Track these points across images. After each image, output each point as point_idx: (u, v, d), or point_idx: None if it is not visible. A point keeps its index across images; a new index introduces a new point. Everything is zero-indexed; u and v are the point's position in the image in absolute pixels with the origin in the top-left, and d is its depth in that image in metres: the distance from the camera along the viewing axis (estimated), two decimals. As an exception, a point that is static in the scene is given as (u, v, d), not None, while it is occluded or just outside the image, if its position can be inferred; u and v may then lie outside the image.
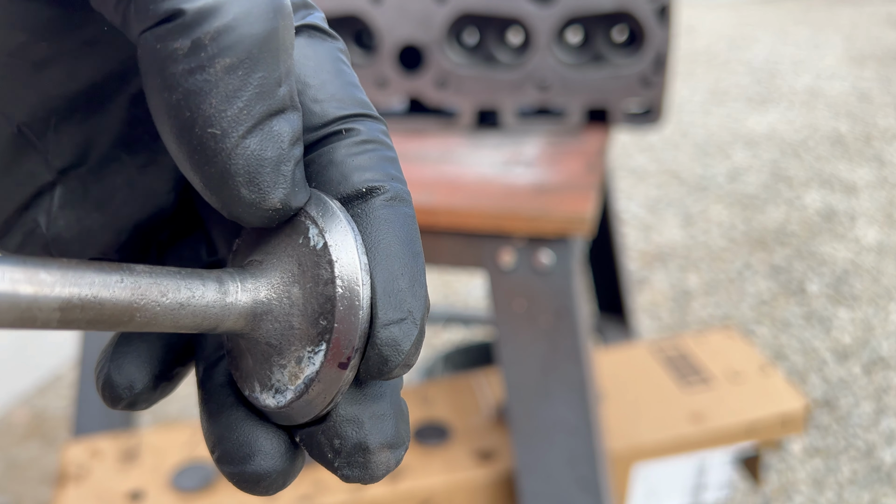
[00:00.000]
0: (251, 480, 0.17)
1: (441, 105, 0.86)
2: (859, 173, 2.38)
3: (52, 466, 1.42)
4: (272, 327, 0.17)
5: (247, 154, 0.15)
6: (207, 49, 0.14)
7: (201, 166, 0.15)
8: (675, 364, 0.98)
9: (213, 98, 0.15)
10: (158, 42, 0.14)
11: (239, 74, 0.15)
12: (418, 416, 0.87)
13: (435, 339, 1.73)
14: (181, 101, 0.15)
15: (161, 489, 0.79)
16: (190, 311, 0.16)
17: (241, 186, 0.16)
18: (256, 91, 0.15)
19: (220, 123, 0.15)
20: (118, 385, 0.18)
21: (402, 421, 0.18)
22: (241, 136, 0.15)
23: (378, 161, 0.18)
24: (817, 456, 1.35)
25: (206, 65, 0.14)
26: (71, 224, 0.20)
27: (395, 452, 0.18)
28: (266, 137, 0.15)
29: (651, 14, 0.79)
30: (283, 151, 0.16)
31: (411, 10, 0.81)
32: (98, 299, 0.15)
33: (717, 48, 3.82)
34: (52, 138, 0.18)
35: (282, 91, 0.16)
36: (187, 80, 0.15)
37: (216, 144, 0.15)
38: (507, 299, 0.71)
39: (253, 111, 0.15)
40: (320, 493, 0.78)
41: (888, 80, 3.16)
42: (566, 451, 0.74)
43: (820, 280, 1.86)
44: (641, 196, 2.35)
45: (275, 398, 0.17)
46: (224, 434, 0.18)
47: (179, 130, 0.15)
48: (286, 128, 0.16)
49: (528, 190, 0.71)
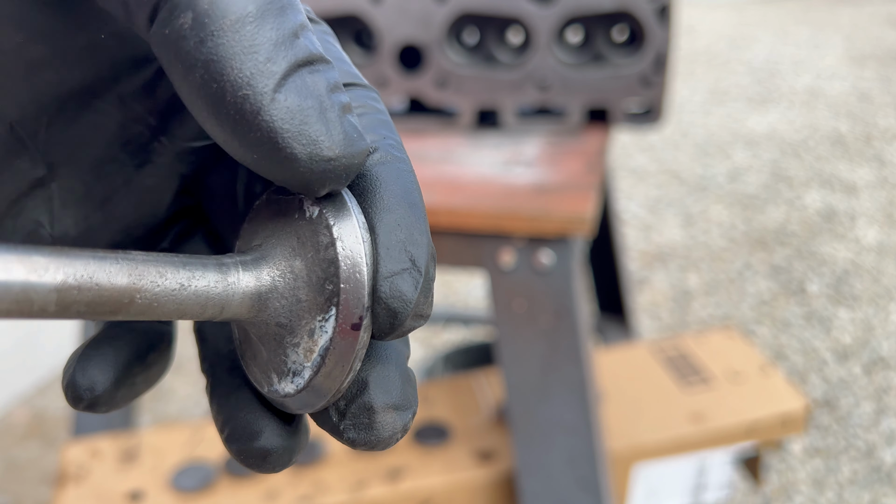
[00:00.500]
0: (257, 456, 0.18)
1: (441, 105, 0.86)
2: (859, 173, 2.38)
3: (52, 466, 1.42)
4: (279, 305, 0.17)
5: (287, 106, 0.15)
6: (209, 14, 0.14)
7: (246, 135, 0.15)
8: (676, 364, 0.98)
9: (233, 60, 0.14)
10: (165, 27, 0.14)
11: (248, 30, 0.15)
12: (418, 416, 0.87)
13: (435, 339, 1.73)
14: (204, 75, 0.15)
15: (161, 489, 0.79)
16: (191, 292, 0.16)
17: (292, 142, 0.15)
18: (273, 42, 0.15)
19: (249, 82, 0.15)
20: (80, 386, 0.19)
21: (409, 385, 0.18)
22: (273, 89, 0.15)
23: (369, 123, 0.18)
24: (817, 456, 1.35)
25: (214, 29, 0.14)
26: (77, 222, 0.20)
27: (401, 415, 0.18)
28: (301, 88, 0.15)
29: (651, 14, 0.79)
30: (323, 98, 0.15)
31: (411, 10, 0.81)
32: (94, 280, 0.15)
33: (718, 48, 3.82)
34: (43, 137, 0.18)
35: (301, 42, 0.15)
36: (202, 52, 0.14)
37: (252, 105, 0.15)
38: (507, 299, 0.71)
39: (278, 62, 0.15)
40: (320, 493, 0.78)
41: (888, 80, 3.16)
42: (566, 451, 0.74)
43: (820, 280, 1.86)
44: (641, 196, 2.35)
45: (293, 381, 0.17)
46: (232, 414, 0.19)
47: (213, 106, 0.15)
48: (319, 78, 0.15)
49: (528, 190, 0.71)
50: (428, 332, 1.75)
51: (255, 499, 0.77)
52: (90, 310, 0.15)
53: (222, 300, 0.16)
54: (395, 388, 0.18)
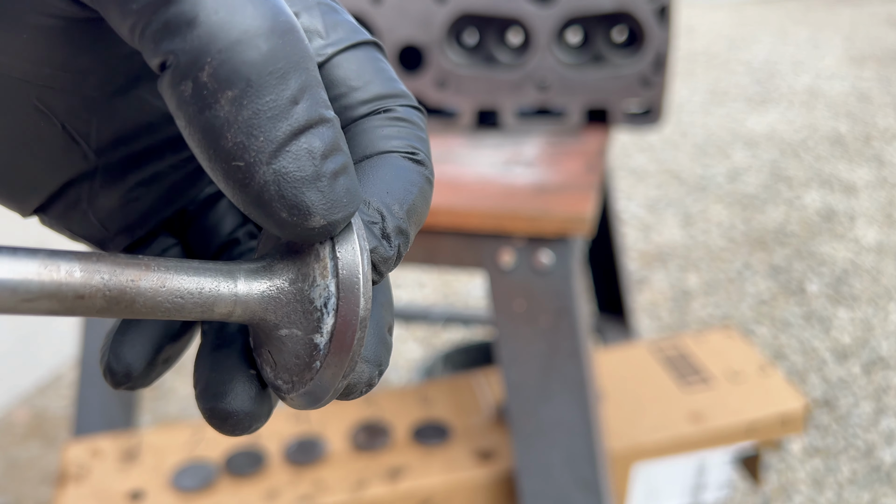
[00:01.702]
0: (220, 417, 0.19)
1: (441, 105, 0.86)
2: (859, 173, 2.38)
3: (52, 466, 1.42)
4: (282, 312, 0.18)
5: (277, 179, 0.15)
6: (207, 86, 0.14)
7: (237, 194, 0.16)
8: (675, 364, 0.98)
9: (228, 132, 0.15)
10: (169, 87, 0.15)
11: (245, 104, 0.15)
12: (418, 415, 0.87)
13: (435, 339, 1.74)
14: (202, 139, 0.15)
15: (161, 489, 0.79)
16: (204, 295, 0.17)
17: (279, 210, 0.16)
18: (269, 116, 0.15)
19: (242, 155, 0.15)
20: (117, 371, 0.20)
21: (383, 345, 0.19)
22: (266, 162, 0.15)
23: (406, 135, 0.19)
24: (817, 456, 1.35)
25: (211, 101, 0.15)
26: (113, 199, 0.21)
27: (369, 367, 0.19)
28: (295, 157, 0.15)
29: (651, 14, 0.79)
30: (316, 168, 0.16)
31: (411, 10, 0.82)
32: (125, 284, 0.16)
33: (717, 48, 3.82)
34: (92, 133, 0.20)
35: (299, 109, 0.15)
36: (200, 119, 0.15)
37: (244, 175, 0.15)
38: (507, 299, 0.71)
39: (272, 136, 0.15)
40: (320, 493, 0.78)
41: (888, 80, 3.16)
42: (566, 451, 0.74)
43: (820, 280, 1.86)
44: (641, 196, 2.35)
45: (293, 382, 0.18)
46: (204, 373, 0.19)
47: (209, 164, 0.15)
48: (316, 143, 0.16)
49: (528, 190, 0.71)
50: (428, 332, 1.76)
51: (256, 498, 0.78)
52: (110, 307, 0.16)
53: (230, 305, 0.17)
54: (370, 344, 0.19)
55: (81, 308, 0.15)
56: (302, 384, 0.18)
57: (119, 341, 0.20)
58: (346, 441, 0.84)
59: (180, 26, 0.14)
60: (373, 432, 0.85)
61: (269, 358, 0.19)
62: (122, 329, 0.21)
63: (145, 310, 0.16)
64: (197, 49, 0.14)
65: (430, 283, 1.96)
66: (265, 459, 0.81)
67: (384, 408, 0.89)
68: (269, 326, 0.18)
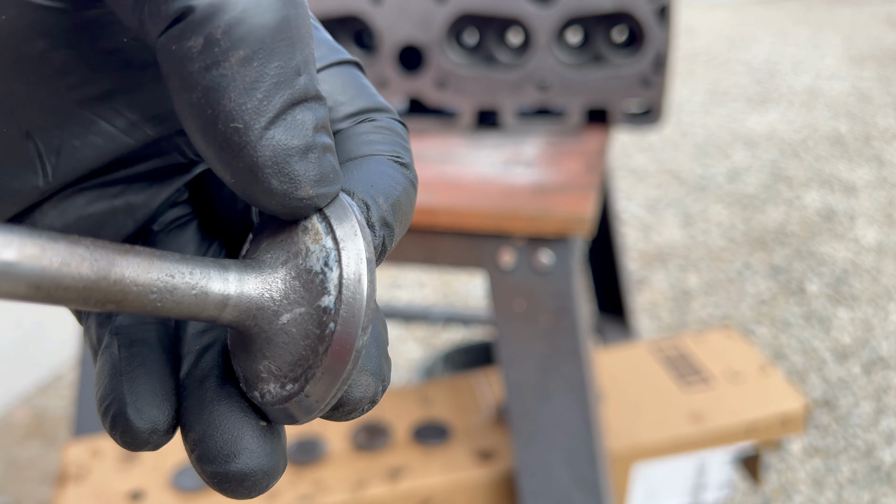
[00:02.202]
0: (234, 481, 0.16)
1: (441, 105, 0.86)
2: (859, 173, 2.38)
3: (52, 466, 1.42)
4: (275, 315, 0.17)
5: (272, 144, 0.15)
6: (220, 44, 0.14)
7: (229, 162, 0.15)
8: (675, 364, 0.98)
9: (232, 92, 0.15)
10: (173, 43, 0.15)
11: (254, 66, 0.15)
12: (418, 415, 0.87)
13: (435, 338, 1.74)
14: (201, 99, 0.15)
15: (161, 489, 0.79)
16: (193, 293, 0.16)
17: (270, 178, 0.16)
18: (274, 81, 0.15)
19: (242, 117, 0.15)
20: (142, 430, 0.17)
21: (385, 360, 0.18)
22: (264, 127, 0.15)
23: (391, 141, 0.20)
24: (817, 456, 1.35)
25: (221, 59, 0.15)
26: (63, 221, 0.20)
27: (374, 381, 0.18)
28: (290, 126, 0.16)
29: (651, 14, 0.79)
30: (309, 139, 0.16)
31: (411, 10, 0.82)
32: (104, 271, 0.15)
33: (717, 48, 3.82)
34: (57, 144, 0.18)
35: (301, 80, 0.16)
36: (204, 78, 0.15)
37: (240, 138, 0.15)
38: (507, 299, 0.71)
39: (273, 101, 0.15)
40: (320, 493, 0.78)
41: (888, 80, 3.16)
42: (566, 451, 0.74)
43: (820, 280, 1.86)
44: (641, 196, 2.35)
45: (282, 392, 0.17)
46: (206, 431, 0.17)
47: (204, 129, 0.15)
48: (309, 116, 0.16)
49: (528, 190, 0.71)
50: (428, 332, 1.76)
51: (256, 498, 0.78)
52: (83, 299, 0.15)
53: (218, 307, 0.16)
54: (372, 356, 0.18)
55: (60, 296, 0.14)
56: (285, 396, 0.17)
57: (135, 392, 0.17)
58: (346, 441, 0.84)
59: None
60: (373, 432, 0.85)
61: (253, 363, 0.17)
62: (130, 377, 0.17)
63: (130, 298, 0.15)
64: (215, 5, 0.14)
65: (430, 283, 1.96)
66: (265, 459, 0.81)
67: (384, 408, 0.89)
68: (266, 320, 0.17)
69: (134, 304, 0.16)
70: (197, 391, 0.18)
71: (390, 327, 1.75)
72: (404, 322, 1.67)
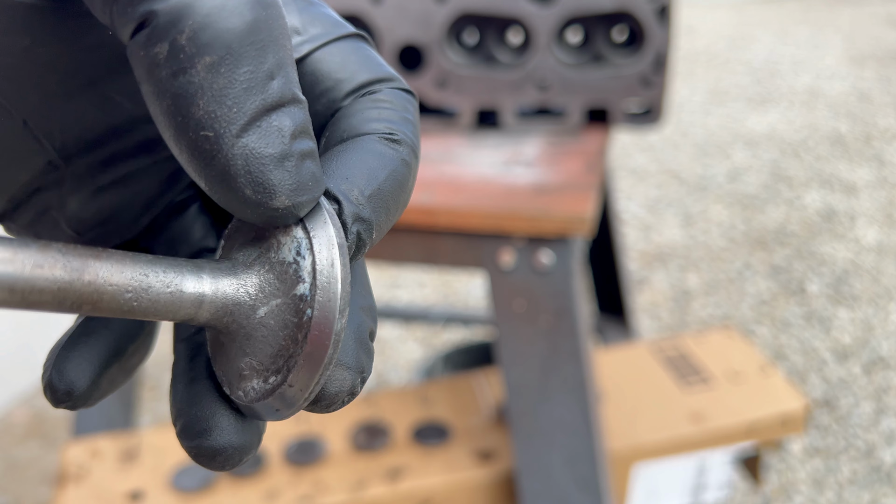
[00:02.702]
0: (207, 455, 0.18)
1: (441, 105, 0.86)
2: (859, 173, 2.38)
3: (52, 466, 1.42)
4: (250, 315, 0.17)
5: (245, 153, 0.15)
6: (185, 50, 0.14)
7: (202, 169, 0.15)
8: (675, 364, 0.98)
9: (200, 99, 0.14)
10: (141, 49, 0.14)
11: (222, 72, 0.14)
12: (418, 415, 0.87)
13: (435, 339, 1.74)
14: (171, 106, 0.14)
15: (161, 489, 0.79)
16: (167, 294, 0.16)
17: (244, 187, 0.15)
18: (244, 87, 0.14)
19: (213, 125, 0.14)
20: (58, 389, 0.19)
21: (364, 351, 0.18)
22: (235, 135, 0.15)
23: (388, 116, 0.19)
24: (817, 456, 1.35)
25: (187, 66, 0.14)
26: (84, 205, 0.20)
27: (350, 374, 0.18)
28: (264, 134, 0.15)
29: (651, 14, 0.79)
30: (285, 147, 0.15)
31: (411, 10, 0.81)
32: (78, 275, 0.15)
33: (717, 48, 3.82)
34: (55, 131, 0.19)
35: (275, 84, 0.15)
36: (172, 84, 0.14)
37: (211, 146, 0.15)
38: (507, 299, 0.71)
39: (244, 108, 0.15)
40: (320, 493, 0.78)
41: (888, 80, 3.16)
42: (566, 451, 0.74)
43: (820, 280, 1.86)
44: (641, 196, 2.35)
45: (260, 388, 0.17)
46: (185, 409, 0.18)
47: (175, 136, 0.15)
48: (286, 121, 0.15)
49: (528, 190, 0.71)
50: (428, 332, 1.76)
51: (256, 499, 0.78)
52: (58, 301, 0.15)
53: (194, 305, 0.16)
54: (349, 349, 0.18)
55: (35, 300, 0.14)
56: (263, 392, 0.17)
57: (64, 357, 0.19)
58: (346, 441, 0.84)
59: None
60: (373, 432, 0.84)
61: (230, 361, 0.18)
62: (69, 346, 0.19)
63: (106, 299, 0.15)
64: (178, 10, 0.14)
65: (430, 283, 1.96)
66: (265, 460, 0.81)
67: (384, 408, 0.89)
68: (243, 316, 0.17)
69: (110, 305, 0.16)
70: (186, 371, 0.19)
71: (390, 327, 1.75)
72: (404, 322, 1.67)
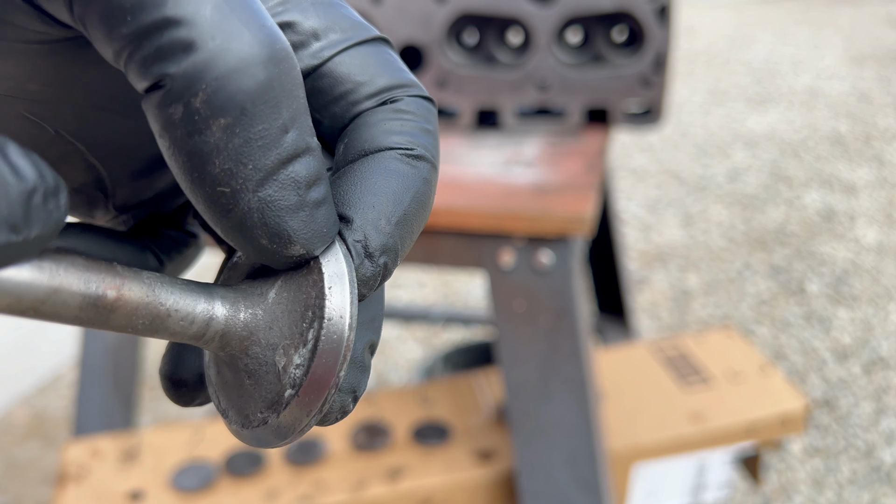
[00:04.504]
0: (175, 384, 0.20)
1: (441, 105, 0.86)
2: (859, 173, 2.38)
3: (52, 466, 1.42)
4: (251, 346, 0.17)
5: (261, 206, 0.15)
6: (200, 112, 0.14)
7: (218, 220, 0.15)
8: (675, 364, 0.98)
9: (217, 158, 0.14)
10: (156, 108, 0.14)
11: (237, 132, 0.14)
12: (418, 416, 0.87)
13: (435, 339, 1.74)
14: (186, 162, 0.15)
15: (161, 489, 0.79)
16: (177, 316, 0.16)
17: (259, 238, 0.16)
18: (259, 145, 0.15)
19: (229, 182, 0.15)
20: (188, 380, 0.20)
21: (360, 370, 0.18)
22: (252, 190, 0.15)
23: (409, 128, 0.18)
24: (817, 456, 1.35)
25: (203, 127, 0.14)
26: (123, 190, 0.21)
27: (342, 396, 0.18)
28: (280, 186, 0.15)
29: (651, 14, 0.79)
30: (300, 197, 0.16)
31: (411, 10, 0.82)
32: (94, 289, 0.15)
33: (717, 48, 3.82)
34: (88, 139, 0.19)
35: (289, 138, 0.15)
36: (188, 144, 0.14)
37: (227, 201, 0.15)
38: (507, 299, 0.71)
39: (260, 165, 0.15)
40: (320, 493, 0.78)
41: (888, 80, 3.16)
42: (566, 451, 0.74)
43: (820, 280, 1.86)
44: (641, 196, 2.35)
45: (253, 420, 0.17)
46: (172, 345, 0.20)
47: (192, 188, 0.15)
48: (301, 172, 0.16)
49: (528, 190, 0.71)
50: (428, 332, 1.76)
51: (256, 498, 0.78)
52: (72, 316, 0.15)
53: (202, 326, 0.17)
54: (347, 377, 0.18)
55: (46, 311, 0.15)
56: (255, 424, 0.17)
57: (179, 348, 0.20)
58: (346, 441, 0.84)
59: (175, 51, 0.14)
60: (373, 432, 0.85)
61: (226, 386, 0.18)
62: None
63: (115, 319, 0.16)
64: (192, 75, 0.14)
65: (430, 283, 1.96)
66: (265, 459, 0.81)
67: (384, 408, 0.89)
68: (233, 358, 0.17)
69: (120, 322, 0.16)
70: None
71: (390, 327, 1.75)
72: (404, 322, 1.67)
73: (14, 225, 0.13)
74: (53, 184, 0.14)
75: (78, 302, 0.15)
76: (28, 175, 0.13)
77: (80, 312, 0.15)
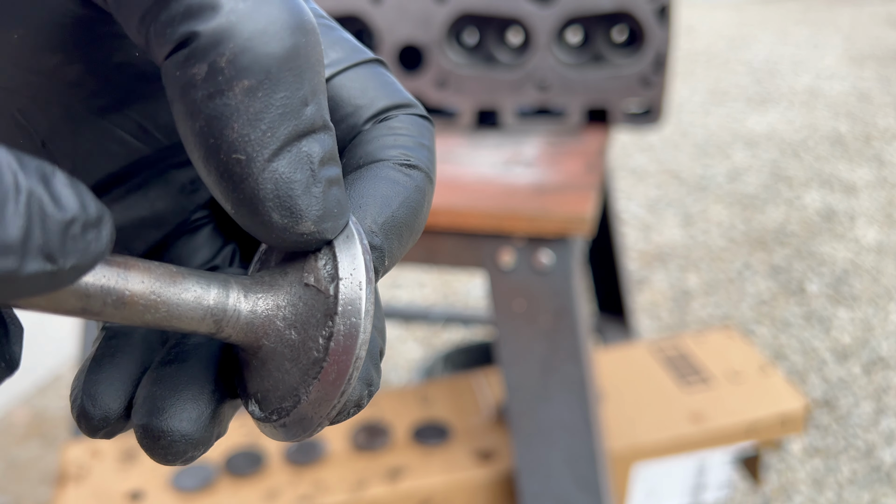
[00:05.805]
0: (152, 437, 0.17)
1: (441, 105, 0.86)
2: (859, 173, 2.38)
3: (52, 466, 1.42)
4: (271, 336, 0.17)
5: (275, 177, 0.15)
6: (224, 72, 0.14)
7: (230, 192, 0.15)
8: (675, 364, 0.98)
9: (236, 122, 0.14)
10: (177, 69, 0.14)
11: (259, 96, 0.14)
12: (419, 415, 0.87)
13: (435, 339, 1.74)
14: (204, 127, 0.14)
15: (161, 489, 0.79)
16: (191, 306, 0.16)
17: (271, 211, 0.15)
18: (280, 112, 0.15)
19: (245, 148, 0.15)
20: (93, 416, 0.18)
21: (374, 367, 0.18)
22: (267, 159, 0.15)
23: (404, 142, 0.19)
24: (817, 456, 1.35)
25: (225, 88, 0.14)
26: None
27: (360, 385, 0.18)
28: (294, 159, 0.15)
29: (651, 14, 0.79)
30: (314, 172, 0.15)
31: (411, 10, 0.81)
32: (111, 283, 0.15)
33: (717, 48, 3.82)
34: (71, 152, 0.19)
35: (308, 111, 0.15)
36: (208, 106, 0.14)
37: (242, 169, 0.15)
38: (507, 299, 0.71)
39: (278, 133, 0.15)
40: (320, 493, 0.78)
41: (888, 80, 3.16)
42: (566, 451, 0.74)
43: (820, 280, 1.86)
44: (641, 196, 2.35)
45: (275, 409, 0.17)
46: (145, 387, 0.18)
47: (206, 157, 0.15)
48: (316, 148, 0.15)
49: (528, 190, 0.71)
50: (428, 332, 1.76)
51: (256, 499, 0.78)
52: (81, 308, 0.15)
53: (218, 320, 0.16)
54: (364, 366, 0.18)
55: (58, 304, 0.14)
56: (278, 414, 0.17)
57: (92, 381, 0.18)
58: (346, 441, 0.84)
59: (204, 10, 0.14)
60: (373, 432, 0.85)
61: (250, 377, 0.18)
62: (94, 369, 0.19)
63: (127, 309, 0.15)
64: (220, 32, 0.14)
65: (430, 283, 1.96)
66: (265, 459, 0.81)
67: (384, 408, 0.89)
68: (253, 349, 0.17)
69: (132, 313, 0.15)
70: (161, 356, 0.18)
71: (390, 328, 1.75)
72: (404, 322, 1.67)
73: (50, 254, 0.13)
74: (96, 215, 0.13)
75: (89, 293, 0.15)
76: (69, 205, 0.13)
77: (91, 303, 0.15)
